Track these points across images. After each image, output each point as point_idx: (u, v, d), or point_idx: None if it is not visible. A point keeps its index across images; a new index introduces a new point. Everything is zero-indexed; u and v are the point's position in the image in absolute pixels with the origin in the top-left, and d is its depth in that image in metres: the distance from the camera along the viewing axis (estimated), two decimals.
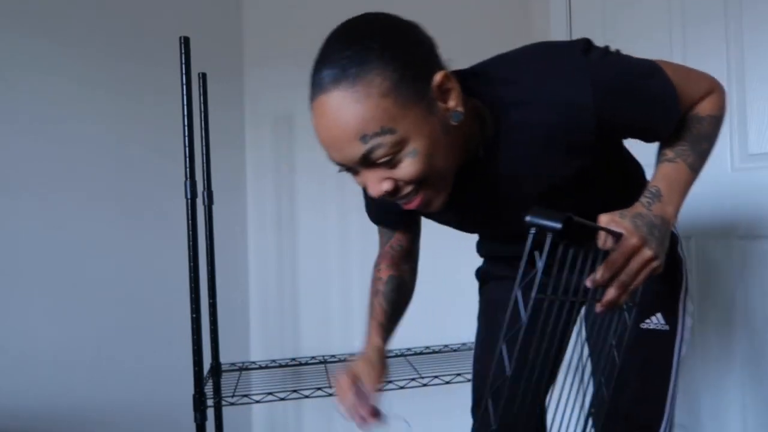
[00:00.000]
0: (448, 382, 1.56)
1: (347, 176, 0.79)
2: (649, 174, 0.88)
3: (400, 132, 0.66)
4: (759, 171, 1.54)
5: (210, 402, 1.41)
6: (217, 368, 1.69)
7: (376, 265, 1.05)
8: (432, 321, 1.98)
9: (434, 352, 1.87)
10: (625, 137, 0.86)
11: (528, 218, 0.62)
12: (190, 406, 1.37)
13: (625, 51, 0.82)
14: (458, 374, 1.57)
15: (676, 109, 0.80)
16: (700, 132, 0.83)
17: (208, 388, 1.49)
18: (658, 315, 0.92)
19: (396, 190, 0.72)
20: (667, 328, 0.92)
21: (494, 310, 1.12)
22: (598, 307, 0.73)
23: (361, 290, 2.06)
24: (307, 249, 2.07)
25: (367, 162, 0.68)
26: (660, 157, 0.84)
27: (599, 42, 0.81)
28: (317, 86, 0.69)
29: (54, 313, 1.56)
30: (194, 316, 1.35)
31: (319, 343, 2.03)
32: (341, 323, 2.06)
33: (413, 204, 0.74)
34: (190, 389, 1.38)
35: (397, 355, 1.85)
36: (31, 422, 1.49)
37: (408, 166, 0.69)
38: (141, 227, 1.72)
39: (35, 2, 1.55)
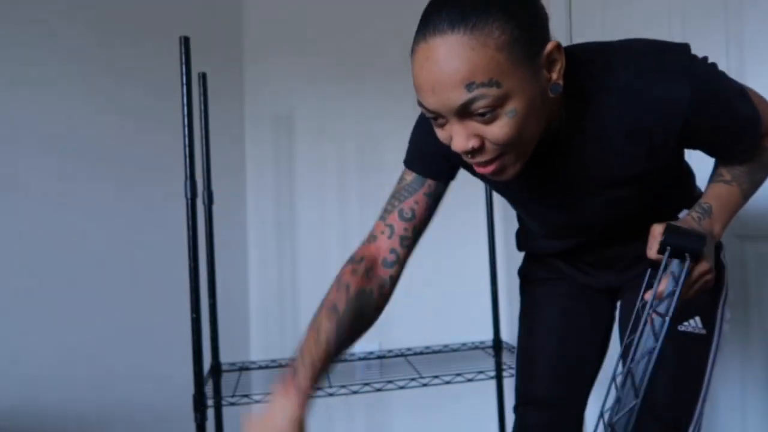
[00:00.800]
0: (448, 382, 1.56)
1: (347, 176, 0.79)
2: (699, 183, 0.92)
3: (506, 87, 0.65)
4: None
5: (210, 402, 1.41)
6: (217, 368, 1.69)
7: (354, 259, 0.93)
8: (432, 321, 1.98)
9: (434, 352, 1.87)
10: (700, 147, 0.84)
11: (666, 238, 0.66)
12: (190, 406, 1.37)
13: None
14: (458, 374, 1.57)
15: (758, 134, 0.81)
16: (761, 162, 0.85)
17: (208, 388, 1.49)
18: (696, 319, 0.92)
19: (480, 149, 0.70)
20: (704, 332, 0.93)
21: (536, 314, 1.12)
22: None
23: None
24: (307, 249, 2.07)
25: (464, 112, 0.66)
26: (716, 176, 0.86)
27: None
28: (431, 27, 0.65)
29: (54, 312, 1.56)
30: (194, 316, 1.35)
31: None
32: None
33: (489, 168, 0.72)
34: (190, 389, 1.37)
35: (396, 355, 1.85)
36: (31, 422, 1.49)
37: (503, 126, 0.67)
38: (141, 227, 1.72)
39: (34, 2, 1.55)
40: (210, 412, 1.43)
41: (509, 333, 1.99)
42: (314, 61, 2.04)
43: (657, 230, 0.76)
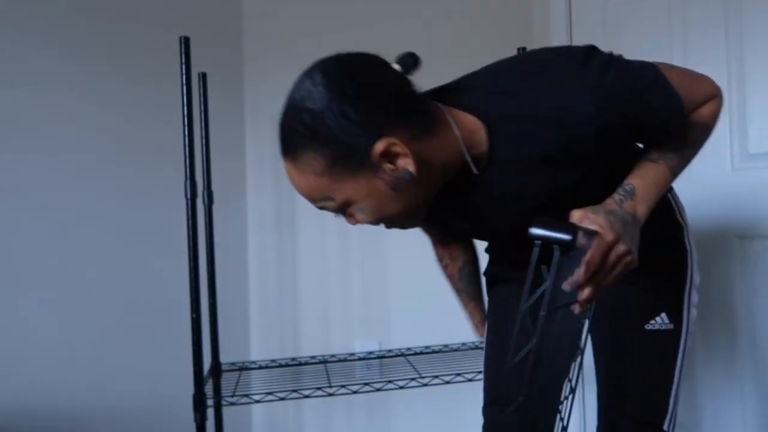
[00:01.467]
0: (448, 382, 1.56)
1: None
2: None
3: (340, 199, 0.74)
4: (759, 171, 1.54)
5: (210, 402, 1.41)
6: (217, 368, 1.69)
7: (440, 259, 1.17)
8: (432, 321, 1.98)
9: (434, 352, 1.87)
10: (627, 141, 0.85)
11: (533, 231, 0.62)
12: (190, 406, 1.37)
13: (625, 52, 0.82)
14: (458, 374, 1.57)
15: (681, 117, 0.79)
16: (688, 137, 0.82)
17: (208, 388, 1.48)
18: (663, 315, 0.91)
19: (375, 222, 0.78)
20: (671, 326, 0.91)
21: (502, 314, 1.11)
22: (577, 308, 0.73)
23: (361, 290, 2.06)
24: (307, 249, 2.07)
25: (324, 209, 0.77)
26: (643, 154, 0.83)
27: (600, 43, 0.81)
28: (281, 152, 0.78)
29: (54, 313, 1.56)
30: (194, 316, 1.35)
31: (319, 343, 2.03)
32: (341, 323, 2.06)
33: (393, 227, 0.81)
34: (190, 389, 1.38)
35: (396, 355, 1.85)
36: (31, 422, 1.49)
37: (361, 218, 0.76)
38: (141, 227, 1.72)
39: (34, 2, 1.55)
40: (210, 412, 1.44)
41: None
42: (314, 61, 2.04)
43: (575, 215, 0.74)
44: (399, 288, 2.04)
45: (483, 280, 1.18)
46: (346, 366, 1.79)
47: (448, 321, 2.03)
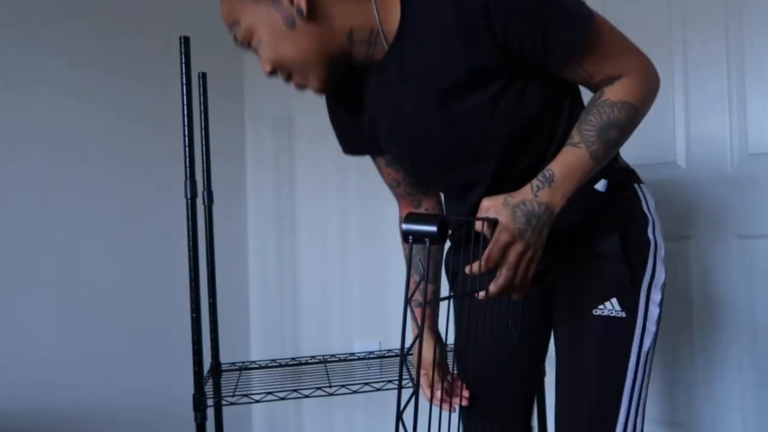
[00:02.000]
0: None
1: (347, 176, 0.81)
2: None
3: (243, 24, 0.81)
4: (759, 171, 1.54)
5: (210, 402, 1.41)
6: (217, 368, 1.69)
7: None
8: None
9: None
10: (522, 49, 0.77)
11: (403, 227, 0.63)
12: (190, 405, 1.37)
13: None
14: (458, 373, 1.57)
15: (583, 30, 0.75)
16: (611, 119, 0.77)
17: (208, 388, 1.49)
18: (613, 301, 0.85)
19: (274, 71, 0.84)
20: (623, 315, 0.84)
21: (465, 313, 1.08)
22: (480, 295, 0.74)
23: (361, 290, 2.06)
24: (307, 249, 2.07)
25: (239, 44, 0.85)
26: (567, 139, 0.79)
27: None
28: None
29: (54, 313, 1.56)
30: (194, 315, 1.35)
31: (319, 343, 2.04)
32: (341, 323, 2.06)
33: (293, 85, 0.86)
34: (190, 389, 1.38)
35: (397, 355, 1.85)
36: (31, 422, 1.49)
37: (263, 53, 0.83)
38: (141, 227, 1.72)
39: (34, 3, 1.55)
40: (210, 412, 1.44)
41: None
42: None
43: (484, 205, 0.76)
44: (399, 288, 2.04)
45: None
46: (346, 366, 1.79)
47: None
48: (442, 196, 1.09)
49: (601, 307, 0.85)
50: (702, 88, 1.63)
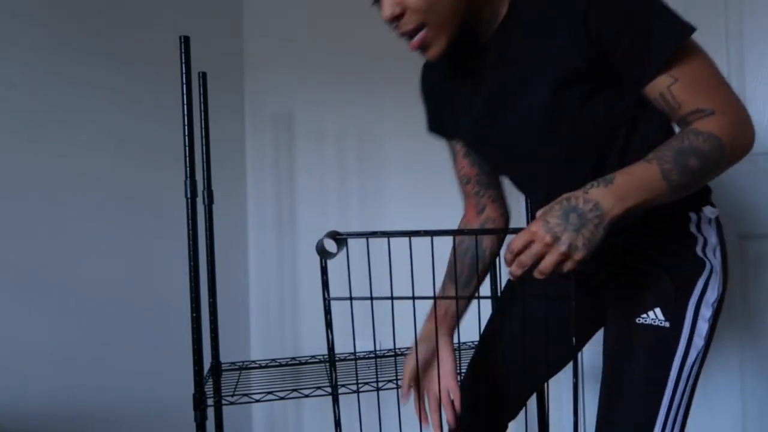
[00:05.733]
0: None
1: (347, 176, 0.81)
2: None
3: None
4: (759, 171, 1.54)
5: (210, 401, 1.41)
6: (217, 367, 1.70)
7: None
8: None
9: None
10: (615, 56, 0.77)
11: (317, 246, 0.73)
12: (190, 405, 1.37)
13: None
14: (458, 373, 1.57)
15: (680, 37, 0.74)
16: (693, 145, 0.72)
17: (208, 388, 1.49)
18: (656, 311, 0.84)
19: (402, 15, 0.81)
20: (667, 325, 0.83)
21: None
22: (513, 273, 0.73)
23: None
24: (307, 249, 2.07)
25: None
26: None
27: None
28: None
29: (54, 312, 1.56)
30: (194, 315, 1.35)
31: (319, 343, 2.03)
32: (341, 323, 2.06)
33: (415, 43, 0.83)
34: (190, 388, 1.38)
35: (397, 355, 1.85)
36: (31, 422, 1.50)
37: None
38: (141, 227, 1.72)
39: (32, 1, 1.55)
40: (210, 412, 1.44)
41: None
42: (315, 60, 2.04)
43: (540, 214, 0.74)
44: (398, 287, 2.04)
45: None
46: (346, 366, 1.79)
47: None
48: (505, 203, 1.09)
49: (644, 315, 0.85)
50: None
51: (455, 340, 1.01)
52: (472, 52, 0.90)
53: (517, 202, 1.18)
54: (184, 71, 1.34)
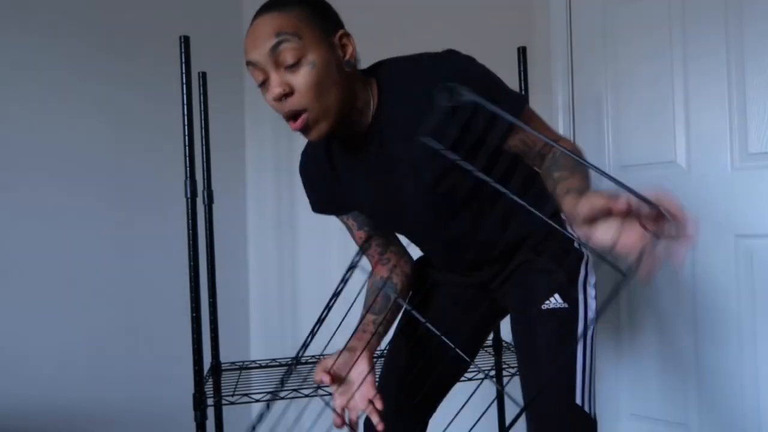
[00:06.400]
0: None
1: None
2: None
3: (305, 41, 0.85)
4: (759, 170, 1.54)
5: (210, 401, 1.41)
6: (217, 367, 1.70)
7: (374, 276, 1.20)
8: None
9: None
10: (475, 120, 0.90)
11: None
12: (190, 405, 1.37)
13: (625, 52, 0.83)
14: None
15: (523, 99, 0.93)
16: (573, 153, 0.85)
17: (208, 387, 1.49)
18: (556, 296, 1.00)
19: (288, 95, 0.86)
20: (566, 306, 1.00)
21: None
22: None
23: (362, 290, 2.06)
24: (307, 249, 2.07)
25: (275, 59, 0.85)
26: (555, 184, 0.83)
27: (600, 43, 0.82)
28: (253, 19, 0.89)
29: (54, 312, 1.56)
30: (194, 315, 1.35)
31: (320, 343, 2.03)
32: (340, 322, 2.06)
33: (298, 124, 0.88)
34: (190, 388, 1.38)
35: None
36: (31, 422, 1.50)
37: (305, 75, 0.85)
38: (141, 226, 1.72)
39: (34, 2, 1.55)
40: (210, 411, 1.44)
41: (509, 332, 1.98)
42: None
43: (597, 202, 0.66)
44: None
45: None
46: None
47: None
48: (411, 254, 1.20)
49: (547, 302, 1.00)
50: (702, 88, 1.63)
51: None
52: (352, 136, 0.96)
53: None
54: (184, 71, 1.34)
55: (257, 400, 1.47)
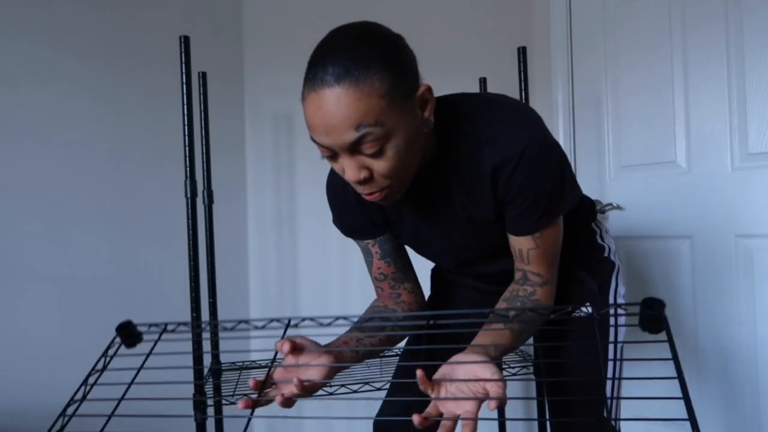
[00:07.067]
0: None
1: None
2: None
3: (388, 126, 0.75)
4: (759, 170, 1.54)
5: (210, 401, 1.41)
6: (217, 368, 1.69)
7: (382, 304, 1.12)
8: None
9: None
10: (509, 209, 0.90)
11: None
12: (190, 405, 1.37)
13: (625, 52, 0.83)
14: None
15: (558, 210, 0.88)
16: (535, 324, 0.92)
17: (208, 388, 1.49)
18: (587, 306, 1.00)
19: (370, 179, 0.80)
20: (596, 316, 1.00)
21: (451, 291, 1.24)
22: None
23: (361, 290, 2.06)
24: (307, 249, 2.07)
25: (354, 148, 0.76)
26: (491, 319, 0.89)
27: (600, 43, 0.82)
28: (320, 80, 0.74)
29: (54, 312, 1.56)
30: (194, 315, 1.35)
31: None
32: (341, 323, 2.06)
33: (375, 196, 0.82)
34: (190, 388, 1.38)
35: (396, 355, 1.85)
36: (31, 422, 1.50)
37: (389, 159, 0.77)
38: (141, 226, 1.72)
39: (34, 2, 1.55)
40: (210, 412, 1.44)
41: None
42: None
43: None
44: None
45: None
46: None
47: None
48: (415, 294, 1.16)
49: (578, 311, 0.99)
50: (702, 88, 1.63)
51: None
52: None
53: None
54: (184, 71, 1.34)
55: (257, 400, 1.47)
